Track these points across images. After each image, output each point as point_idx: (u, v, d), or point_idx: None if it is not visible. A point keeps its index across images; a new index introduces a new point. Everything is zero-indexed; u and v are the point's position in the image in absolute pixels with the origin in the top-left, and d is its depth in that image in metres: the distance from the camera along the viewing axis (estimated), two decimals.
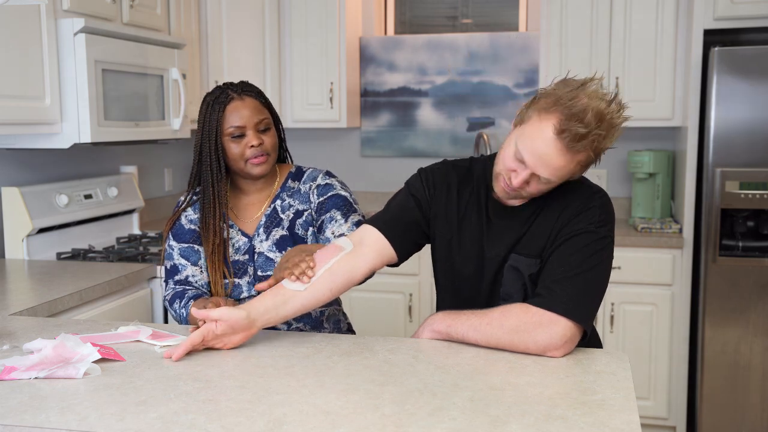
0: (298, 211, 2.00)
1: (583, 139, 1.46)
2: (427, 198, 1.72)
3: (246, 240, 1.98)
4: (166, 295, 1.97)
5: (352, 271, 1.65)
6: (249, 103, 1.93)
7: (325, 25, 3.93)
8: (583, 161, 1.52)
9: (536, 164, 1.51)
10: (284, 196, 2.02)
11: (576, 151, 1.48)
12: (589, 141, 1.47)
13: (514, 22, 4.22)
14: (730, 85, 3.19)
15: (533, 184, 1.55)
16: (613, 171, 4.01)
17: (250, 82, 2.01)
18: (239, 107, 1.92)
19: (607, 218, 1.60)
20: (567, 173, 1.53)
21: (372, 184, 4.33)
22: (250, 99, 1.94)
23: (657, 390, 3.46)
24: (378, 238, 1.68)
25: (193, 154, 1.98)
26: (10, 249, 2.84)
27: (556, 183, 1.55)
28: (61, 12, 2.65)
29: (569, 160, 1.50)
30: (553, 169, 1.51)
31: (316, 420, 1.20)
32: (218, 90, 1.96)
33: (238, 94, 1.93)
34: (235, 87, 1.96)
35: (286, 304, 1.60)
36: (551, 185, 1.56)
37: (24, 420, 1.21)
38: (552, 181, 1.54)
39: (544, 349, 1.50)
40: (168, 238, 2.01)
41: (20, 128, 2.53)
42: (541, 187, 1.56)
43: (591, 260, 1.54)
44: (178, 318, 1.93)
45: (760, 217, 3.25)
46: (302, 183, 2.03)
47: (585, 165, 1.53)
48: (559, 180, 1.54)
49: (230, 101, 1.92)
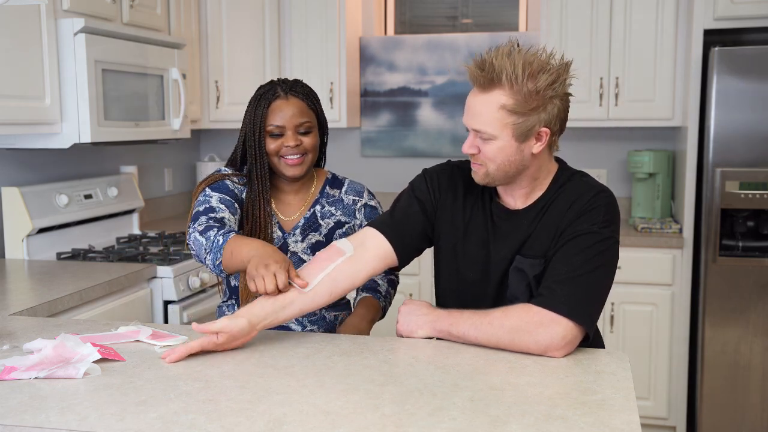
0: (339, 222, 2.00)
1: (483, 70, 1.50)
2: (432, 201, 1.72)
3: (281, 235, 1.98)
4: (197, 227, 1.79)
5: (354, 275, 1.65)
6: (293, 103, 1.91)
7: (325, 25, 3.93)
8: (508, 105, 1.50)
9: (468, 120, 1.57)
10: (324, 203, 2.01)
11: (488, 90, 1.52)
12: (496, 73, 1.49)
13: (514, 22, 4.22)
14: (730, 85, 3.19)
15: (480, 145, 1.57)
16: (613, 171, 4.01)
17: (303, 82, 1.98)
18: (282, 106, 1.91)
19: (611, 218, 1.58)
20: (492, 120, 1.52)
21: (372, 184, 4.32)
22: (296, 99, 1.92)
23: (657, 390, 3.46)
24: (381, 243, 1.67)
25: (238, 140, 1.97)
26: (10, 249, 2.84)
27: (491, 135, 1.53)
28: (61, 12, 2.65)
29: (487, 102, 1.52)
30: (477, 115, 1.54)
31: (316, 420, 1.20)
32: (268, 85, 1.95)
33: (284, 92, 1.92)
34: (284, 85, 1.94)
35: (285, 309, 1.60)
36: (493, 142, 1.54)
37: (24, 420, 1.21)
38: (485, 131, 1.53)
39: (545, 349, 1.50)
40: (203, 192, 1.91)
41: (20, 128, 2.53)
42: (486, 148, 1.55)
43: (594, 261, 1.53)
44: (209, 246, 1.75)
45: (760, 217, 3.25)
46: (344, 193, 2.03)
47: (513, 111, 1.51)
48: (490, 129, 1.53)
49: (275, 99, 1.91)
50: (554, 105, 1.53)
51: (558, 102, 1.54)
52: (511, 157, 1.56)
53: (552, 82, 1.50)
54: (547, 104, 1.52)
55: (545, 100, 1.52)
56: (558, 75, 1.51)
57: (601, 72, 3.60)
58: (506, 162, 1.56)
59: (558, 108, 1.54)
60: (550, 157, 1.65)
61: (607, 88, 3.60)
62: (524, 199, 1.65)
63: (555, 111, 1.54)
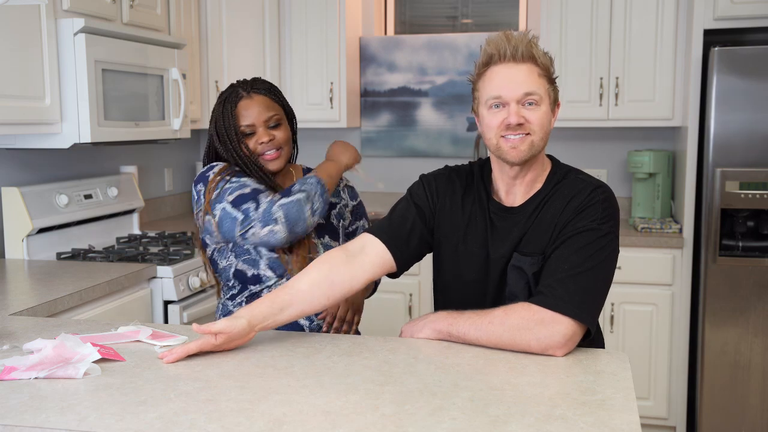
0: (331, 203, 2.05)
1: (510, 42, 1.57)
2: (430, 207, 1.72)
3: None
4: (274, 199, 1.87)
5: (352, 279, 1.65)
6: (258, 100, 1.96)
7: (325, 25, 3.93)
8: (543, 73, 1.59)
9: (509, 89, 1.57)
10: None
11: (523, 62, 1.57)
12: (526, 49, 1.57)
13: (514, 22, 4.22)
14: (730, 85, 3.19)
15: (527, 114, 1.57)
16: (613, 171, 4.01)
17: (262, 79, 2.03)
18: (248, 105, 1.95)
19: (610, 214, 1.59)
20: (538, 84, 1.57)
21: (372, 184, 4.33)
22: (259, 96, 1.97)
23: (657, 390, 3.46)
24: (380, 250, 1.68)
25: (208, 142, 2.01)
26: (10, 249, 2.84)
27: (540, 97, 1.57)
28: (61, 12, 2.65)
29: (527, 71, 1.57)
30: (522, 82, 1.56)
31: (316, 420, 1.20)
32: (230, 88, 1.99)
33: (247, 92, 1.96)
34: (244, 85, 1.98)
35: (284, 311, 1.60)
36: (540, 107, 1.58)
37: (24, 420, 1.21)
38: (536, 92, 1.57)
39: (545, 347, 1.50)
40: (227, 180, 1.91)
41: (20, 128, 2.53)
42: (534, 115, 1.57)
43: (594, 258, 1.54)
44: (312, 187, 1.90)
45: (760, 217, 3.25)
46: None
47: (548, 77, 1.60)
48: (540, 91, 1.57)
49: (240, 100, 1.95)
50: None
51: None
52: (547, 128, 1.61)
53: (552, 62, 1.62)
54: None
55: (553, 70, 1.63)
56: None
57: (601, 72, 3.60)
58: (546, 132, 1.61)
59: None
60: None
61: (607, 88, 3.60)
62: (523, 195, 1.65)
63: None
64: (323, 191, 1.91)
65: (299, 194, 1.88)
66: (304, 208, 1.86)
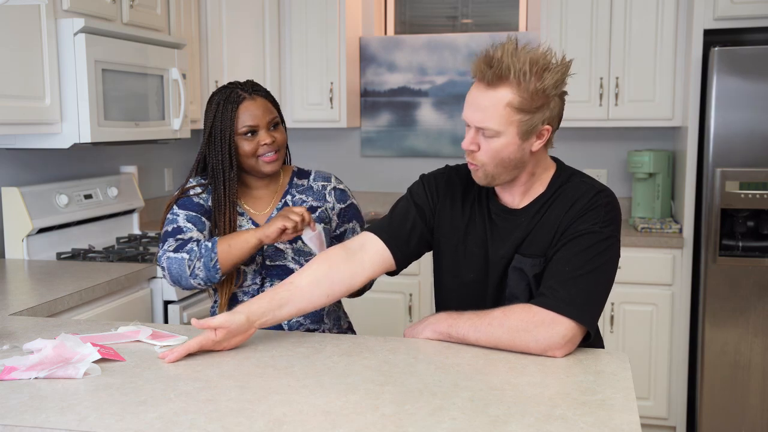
0: (311, 207, 2.04)
1: (491, 66, 1.48)
2: (430, 206, 1.72)
3: None
4: (168, 248, 1.90)
5: (351, 278, 1.66)
6: (260, 103, 1.98)
7: (325, 25, 3.93)
8: (515, 103, 1.49)
9: (470, 115, 1.54)
10: (294, 192, 2.06)
11: (495, 86, 1.50)
12: (504, 70, 1.48)
13: (514, 22, 4.22)
14: (730, 85, 3.19)
15: (481, 142, 1.55)
16: (613, 171, 4.01)
17: (256, 81, 2.04)
18: (251, 107, 1.96)
19: (612, 218, 1.58)
20: (498, 116, 1.50)
21: (372, 184, 4.33)
22: (261, 99, 1.99)
23: (657, 390, 3.46)
24: (380, 248, 1.68)
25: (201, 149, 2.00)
26: (10, 249, 2.84)
27: (496, 131, 1.51)
28: (61, 12, 2.65)
29: (494, 98, 1.50)
30: (482, 111, 1.51)
31: (316, 420, 1.20)
32: (227, 90, 1.99)
33: (249, 93, 1.97)
34: (244, 86, 1.99)
35: (282, 308, 1.60)
36: (496, 140, 1.52)
37: (24, 420, 1.21)
38: (489, 128, 1.51)
39: (545, 348, 1.50)
40: (171, 210, 1.98)
41: (20, 128, 2.53)
42: (488, 145, 1.54)
43: (595, 261, 1.54)
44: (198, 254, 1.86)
45: (760, 217, 3.25)
46: (312, 181, 2.09)
47: (520, 108, 1.50)
48: (495, 126, 1.51)
49: (242, 101, 1.96)
50: (555, 103, 1.55)
51: (558, 100, 1.56)
52: (512, 155, 1.55)
53: (556, 81, 1.51)
54: (550, 102, 1.53)
55: (549, 99, 1.52)
56: (562, 74, 1.53)
57: (601, 72, 3.61)
58: (506, 160, 1.56)
59: (558, 106, 1.56)
60: (546, 154, 1.66)
61: (607, 88, 3.60)
62: (522, 197, 1.65)
63: (556, 110, 1.56)
64: (209, 260, 1.85)
65: (184, 254, 1.87)
66: (185, 268, 1.87)
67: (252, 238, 1.85)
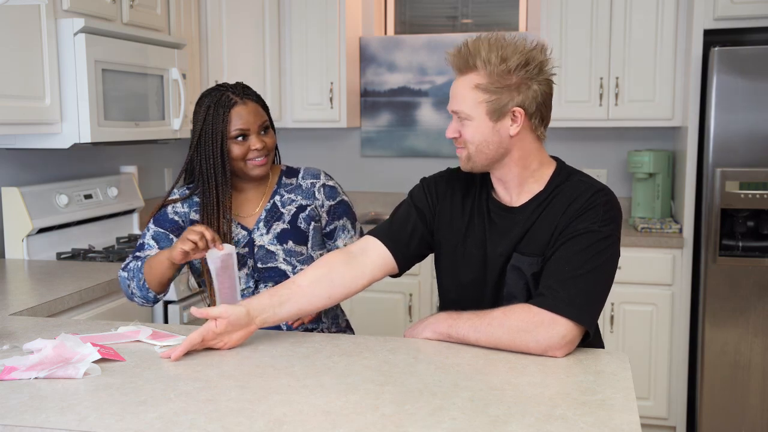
0: (301, 206, 2.02)
1: (459, 53, 1.57)
2: (430, 209, 1.73)
3: (245, 233, 2.00)
4: (124, 264, 1.99)
5: (353, 280, 1.66)
6: (251, 107, 1.96)
7: (325, 25, 3.93)
8: (482, 85, 1.55)
9: (449, 104, 1.62)
10: (283, 192, 2.04)
11: (465, 73, 1.57)
12: (471, 57, 1.55)
13: (514, 22, 4.22)
14: (730, 85, 3.19)
15: (460, 129, 1.61)
16: (613, 171, 4.01)
17: (246, 84, 2.02)
18: (242, 111, 1.94)
19: (611, 217, 1.58)
20: (469, 99, 1.57)
21: (372, 184, 4.33)
22: (252, 103, 1.97)
23: (657, 390, 3.46)
24: (381, 252, 1.69)
25: (190, 152, 1.97)
26: (10, 249, 2.84)
27: (468, 114, 1.58)
28: (61, 12, 2.65)
29: (463, 83, 1.57)
30: (454, 97, 1.60)
31: (316, 420, 1.20)
32: (217, 92, 1.95)
33: (240, 97, 1.95)
34: (235, 90, 1.96)
35: (283, 305, 1.61)
36: (469, 122, 1.58)
37: (24, 420, 1.21)
38: (462, 110, 1.58)
39: (545, 348, 1.50)
40: (147, 225, 2.03)
41: (20, 128, 2.53)
42: (465, 130, 1.60)
43: (594, 260, 1.53)
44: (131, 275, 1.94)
45: (760, 217, 3.25)
46: (301, 179, 2.06)
47: (486, 89, 1.55)
48: (466, 108, 1.57)
49: (234, 105, 1.93)
50: (530, 88, 1.56)
51: (536, 86, 1.56)
52: (488, 138, 1.58)
53: (525, 63, 1.54)
54: (521, 85, 1.55)
55: (520, 81, 1.55)
56: (530, 57, 1.55)
57: (601, 72, 3.61)
58: (484, 143, 1.58)
59: (535, 91, 1.56)
60: (541, 148, 1.65)
61: (607, 88, 3.60)
62: (519, 194, 1.65)
63: (531, 94, 1.56)
64: (139, 280, 1.92)
65: (123, 273, 1.96)
66: (125, 287, 1.97)
67: (164, 258, 1.86)
